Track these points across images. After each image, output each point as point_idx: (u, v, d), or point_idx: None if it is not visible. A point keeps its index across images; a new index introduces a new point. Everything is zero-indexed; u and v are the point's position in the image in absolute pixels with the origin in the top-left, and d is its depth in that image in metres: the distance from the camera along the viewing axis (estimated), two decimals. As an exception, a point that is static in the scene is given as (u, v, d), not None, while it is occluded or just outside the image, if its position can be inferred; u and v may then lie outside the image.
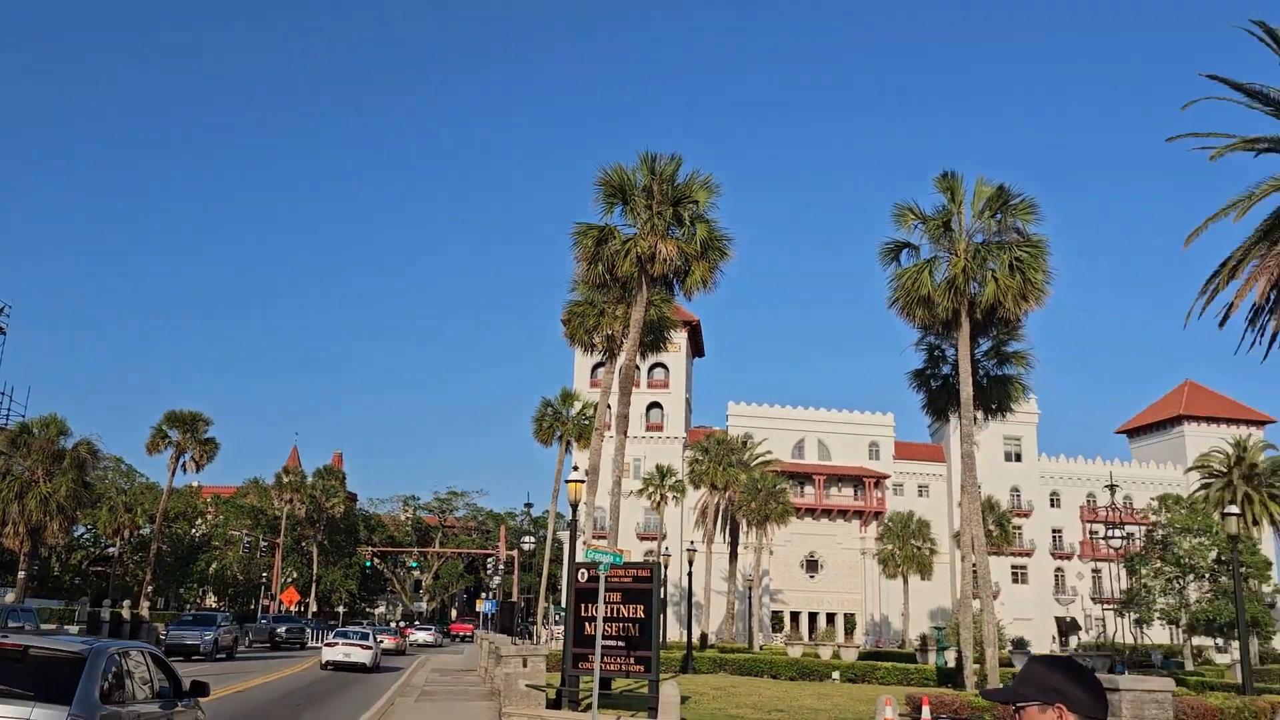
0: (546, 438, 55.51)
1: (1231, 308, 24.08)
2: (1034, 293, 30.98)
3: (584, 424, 54.69)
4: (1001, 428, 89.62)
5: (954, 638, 46.24)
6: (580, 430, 54.93)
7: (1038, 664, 2.95)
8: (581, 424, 55.04)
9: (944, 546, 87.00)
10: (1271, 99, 23.67)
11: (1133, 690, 17.35)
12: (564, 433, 54.84)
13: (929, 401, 37.66)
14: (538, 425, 55.29)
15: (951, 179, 32.48)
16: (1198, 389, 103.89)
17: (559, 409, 55.62)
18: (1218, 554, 52.32)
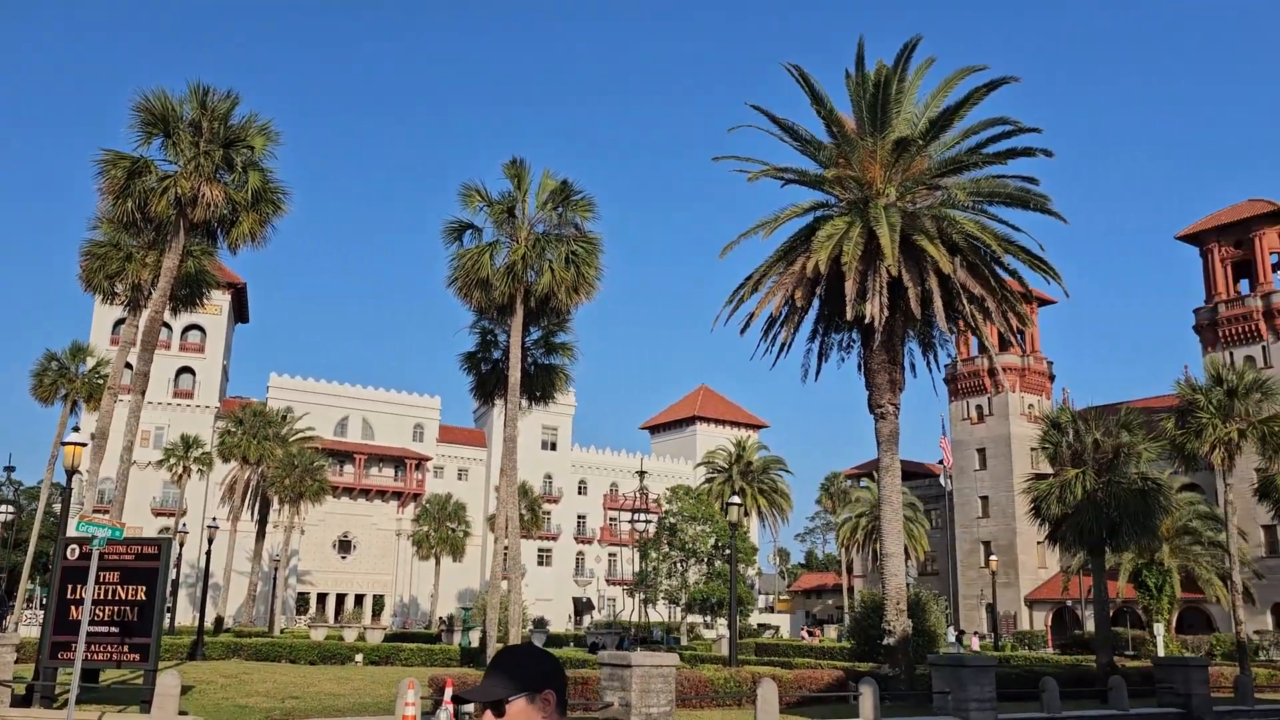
0: (48, 396, 48.35)
1: (752, 317, 26.75)
2: (586, 287, 32.23)
3: (97, 383, 48.42)
4: (541, 417, 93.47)
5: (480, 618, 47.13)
6: (93, 390, 48.57)
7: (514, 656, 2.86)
8: (95, 383, 48.69)
9: (478, 529, 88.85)
10: (800, 135, 26.61)
11: (643, 665, 18.44)
12: (70, 391, 48.14)
13: (478, 384, 37.90)
14: (38, 381, 47.99)
15: (519, 167, 32.88)
16: (711, 394, 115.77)
17: (66, 364, 48.72)
18: (716, 540, 58.44)
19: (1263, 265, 72.88)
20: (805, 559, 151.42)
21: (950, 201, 26.13)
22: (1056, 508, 30.36)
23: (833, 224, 25.47)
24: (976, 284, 25.20)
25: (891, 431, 26.46)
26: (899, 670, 25.27)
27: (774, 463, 77.44)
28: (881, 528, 26.21)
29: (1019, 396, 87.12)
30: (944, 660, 22.98)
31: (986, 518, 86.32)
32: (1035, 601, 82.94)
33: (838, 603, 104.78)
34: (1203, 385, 35.88)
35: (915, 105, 26.97)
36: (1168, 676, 27.24)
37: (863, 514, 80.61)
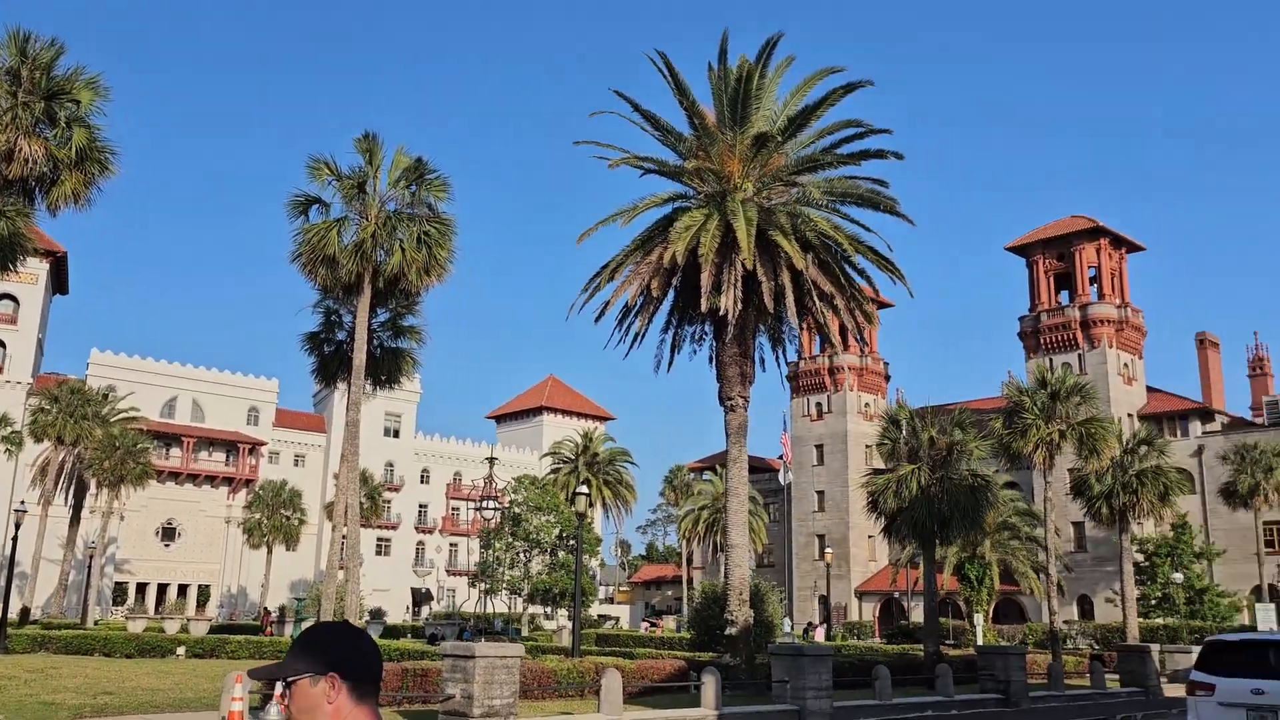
0: None
1: (607, 305, 26.59)
2: (437, 269, 31.41)
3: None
4: (384, 403, 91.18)
5: (314, 609, 45.51)
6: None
7: (311, 634, 2.73)
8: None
9: (314, 517, 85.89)
10: (662, 125, 26.59)
11: (487, 656, 17.99)
12: None
13: (320, 366, 36.49)
14: None
15: (371, 141, 31.76)
16: (559, 384, 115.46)
17: None
18: (560, 531, 58.19)
19: (1081, 278, 77.60)
20: (646, 551, 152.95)
21: (805, 199, 26.62)
22: (893, 502, 31.44)
23: (690, 216, 25.56)
24: (827, 281, 25.75)
25: (740, 424, 26.78)
26: (740, 660, 25.61)
27: (620, 455, 77.76)
28: (727, 519, 26.50)
29: (857, 395, 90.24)
30: (784, 650, 23.39)
31: (822, 512, 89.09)
32: (865, 593, 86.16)
33: (677, 594, 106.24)
34: (1029, 388, 37.85)
35: (775, 102, 27.35)
36: (989, 664, 28.55)
37: (705, 506, 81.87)
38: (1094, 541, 70.89)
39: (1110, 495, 40.98)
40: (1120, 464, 40.26)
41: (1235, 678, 14.76)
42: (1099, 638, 53.14)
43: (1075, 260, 78.10)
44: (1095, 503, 41.91)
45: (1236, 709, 14.62)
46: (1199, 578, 57.26)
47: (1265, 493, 57.71)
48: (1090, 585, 69.88)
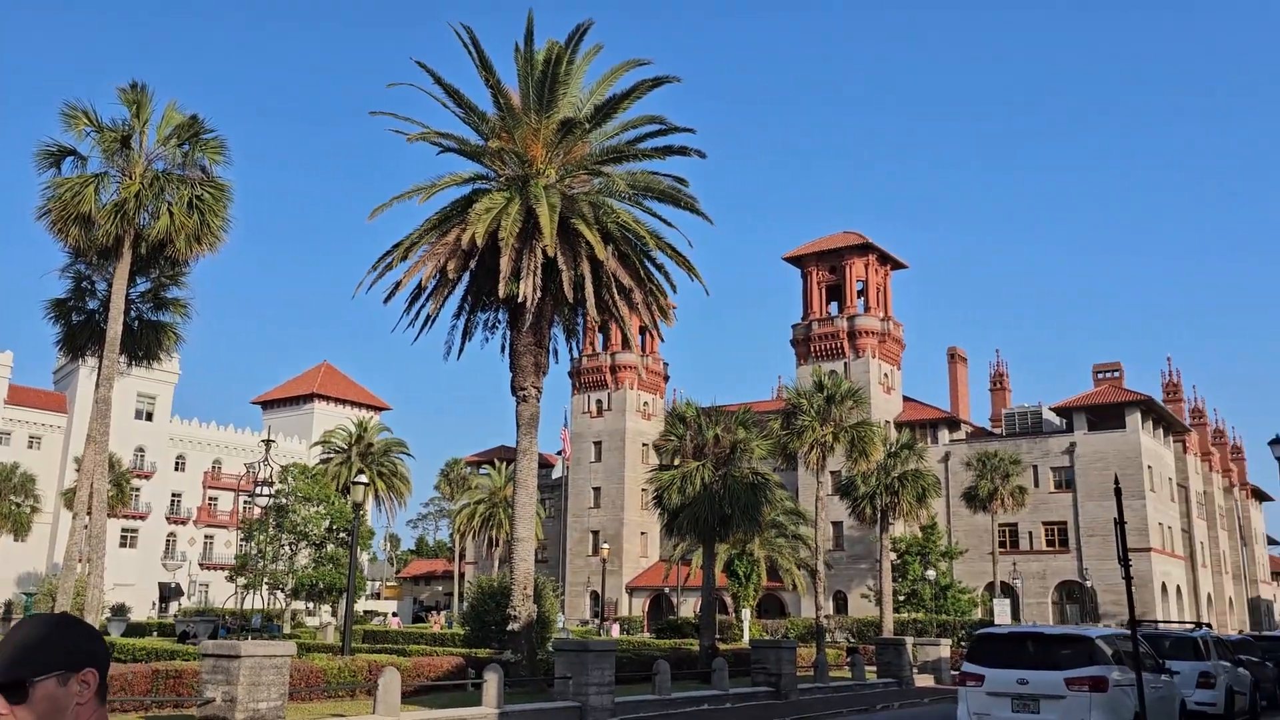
0: None
1: (399, 285, 25.31)
2: (210, 237, 28.97)
3: None
4: (137, 383, 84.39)
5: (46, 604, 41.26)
6: None
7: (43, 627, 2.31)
8: None
9: (49, 505, 78.40)
10: (465, 102, 25.60)
11: (254, 656, 16.56)
12: None
13: (67, 337, 32.96)
14: None
15: (139, 93, 28.92)
16: (334, 371, 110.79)
17: None
18: (331, 523, 55.57)
19: (850, 291, 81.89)
20: (416, 546, 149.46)
21: (608, 190, 26.34)
22: (677, 498, 31.76)
23: (491, 198, 24.73)
24: (627, 275, 25.58)
25: (532, 415, 26.20)
26: (522, 656, 25.02)
27: (396, 445, 75.29)
28: (514, 512, 25.85)
29: (637, 394, 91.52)
30: (568, 646, 23.00)
31: (598, 508, 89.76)
32: (635, 589, 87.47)
33: (448, 589, 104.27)
34: (807, 391, 39.33)
35: (581, 91, 26.93)
36: (762, 658, 29.29)
37: (481, 501, 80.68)
38: (850, 540, 74.90)
39: (874, 496, 43.29)
40: (884, 467, 42.60)
41: (1003, 668, 15.55)
42: (855, 631, 56.10)
43: (845, 273, 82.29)
44: (860, 503, 44.15)
45: (1003, 698, 15.39)
46: (944, 575, 61.54)
47: (1002, 497, 62.75)
48: (846, 582, 73.76)
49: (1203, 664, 21.31)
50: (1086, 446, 72.20)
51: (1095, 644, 15.47)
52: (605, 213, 25.67)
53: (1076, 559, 71.04)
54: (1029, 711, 15.17)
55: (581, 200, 25.61)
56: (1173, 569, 74.01)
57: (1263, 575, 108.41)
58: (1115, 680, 15.04)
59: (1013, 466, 64.07)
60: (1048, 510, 72.61)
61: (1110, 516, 69.93)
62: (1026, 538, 73.02)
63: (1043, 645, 15.90)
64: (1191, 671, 20.75)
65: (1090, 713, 14.67)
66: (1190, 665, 20.87)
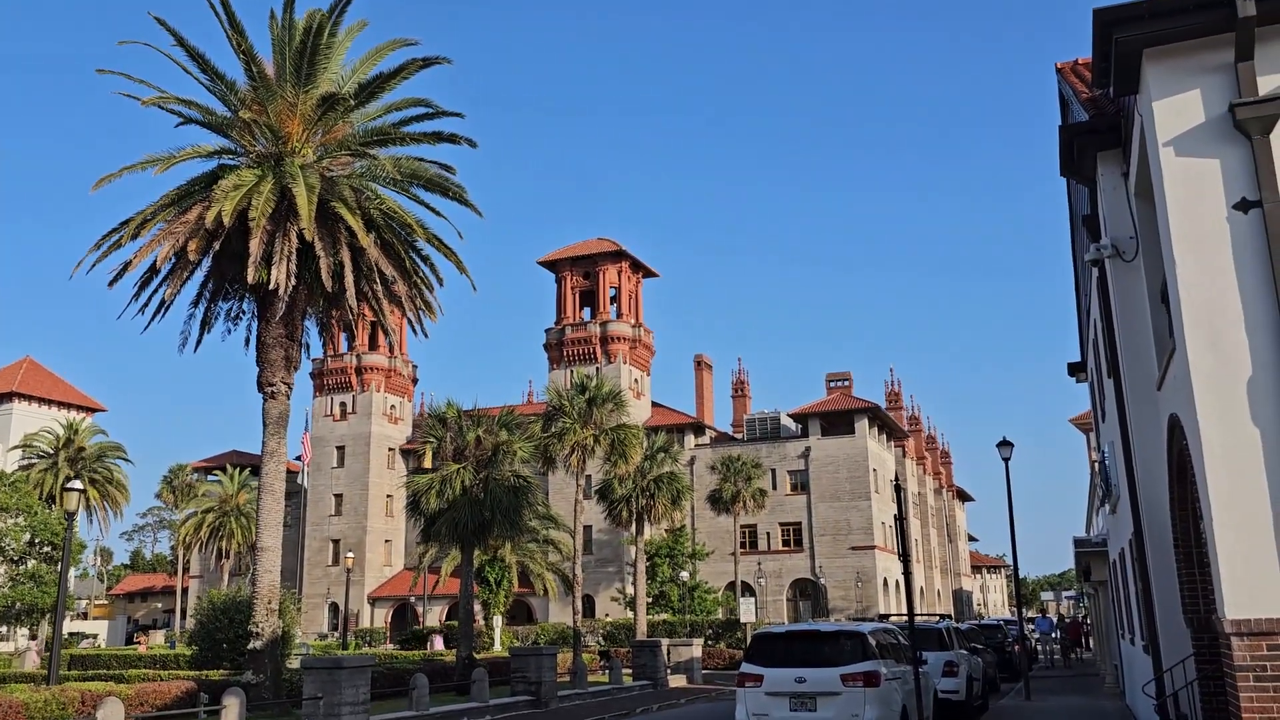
0: None
1: (128, 266, 22.59)
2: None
3: None
4: None
5: None
6: None
7: None
8: None
9: None
10: (211, 69, 23.22)
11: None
12: None
13: None
14: None
15: None
16: (37, 367, 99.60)
17: None
18: (33, 536, 49.61)
19: (603, 297, 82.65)
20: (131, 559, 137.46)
21: (371, 175, 24.71)
22: (435, 502, 30.34)
23: (240, 175, 22.52)
24: (390, 265, 24.05)
25: (281, 414, 24.08)
26: (265, 676, 22.88)
27: (111, 450, 68.82)
28: (260, 519, 23.63)
29: (384, 397, 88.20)
30: (319, 663, 21.18)
31: (339, 515, 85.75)
32: (378, 599, 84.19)
33: (168, 606, 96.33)
34: (569, 393, 38.88)
35: (344, 67, 25.15)
36: (522, 666, 28.41)
37: (211, 509, 75.11)
38: (599, 544, 75.40)
39: (631, 498, 43.50)
40: (641, 470, 42.89)
41: (781, 668, 15.53)
42: (606, 634, 56.26)
43: (599, 279, 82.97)
44: (617, 505, 44.25)
45: (781, 698, 15.36)
46: (692, 577, 63.01)
47: (744, 499, 65.10)
48: (594, 585, 74.09)
49: (947, 654, 22.51)
50: (820, 451, 76.24)
51: (867, 640, 15.76)
52: (368, 198, 24.05)
53: (810, 558, 74.83)
54: (806, 710, 15.20)
55: (343, 183, 23.85)
56: (893, 565, 79.54)
57: (964, 569, 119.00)
58: (886, 674, 15.37)
59: (754, 470, 66.61)
60: (784, 511, 76.05)
61: (840, 518, 74.62)
62: (765, 538, 76.16)
63: (818, 643, 16.02)
64: (938, 661, 21.83)
65: (865, 707, 14.88)
66: (936, 655, 21.96)
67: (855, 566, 73.55)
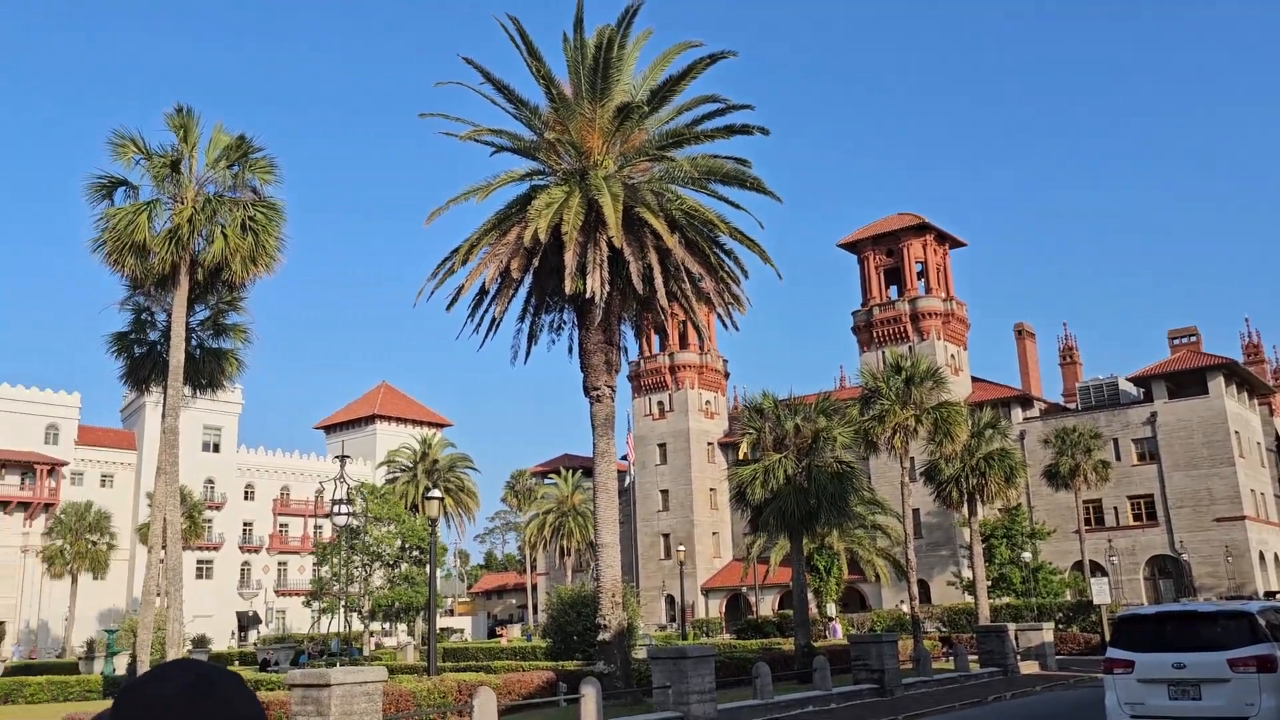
0: None
1: (462, 289, 24.50)
2: (265, 258, 28.43)
3: None
4: (203, 416, 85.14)
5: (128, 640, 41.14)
6: None
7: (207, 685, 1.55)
8: None
9: (125, 542, 79.25)
10: (516, 97, 24.72)
11: (344, 684, 15.71)
12: None
13: (130, 370, 32.68)
14: None
15: (186, 117, 28.46)
16: (392, 391, 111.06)
17: None
18: (403, 542, 55.15)
19: (909, 273, 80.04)
20: (485, 560, 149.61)
21: (670, 177, 25.31)
22: (760, 493, 30.55)
23: (550, 193, 23.82)
24: (696, 262, 24.51)
25: (607, 416, 25.21)
26: (615, 666, 24.00)
27: (461, 461, 75.07)
28: (596, 517, 24.86)
29: (698, 393, 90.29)
30: (665, 652, 21.93)
31: (667, 511, 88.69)
32: (710, 590, 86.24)
33: (520, 602, 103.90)
34: (884, 374, 37.90)
35: (634, 76, 25.95)
36: (863, 653, 27.94)
37: (550, 510, 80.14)
38: (929, 527, 72.99)
39: (960, 479, 41.73)
40: (968, 448, 41.03)
41: (1154, 652, 14.17)
42: (946, 620, 54.35)
43: (903, 255, 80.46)
44: (946, 486, 42.61)
45: (1158, 685, 14.01)
46: (1034, 557, 59.53)
47: (1084, 473, 60.47)
48: (927, 570, 71.77)
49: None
50: (1168, 415, 69.61)
51: (1255, 620, 14.03)
52: (669, 199, 24.63)
53: (1166, 532, 68.49)
54: (1189, 698, 13.77)
55: (644, 188, 24.59)
56: (1269, 537, 71.00)
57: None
58: (1283, 658, 13.60)
59: (1093, 441, 61.78)
60: (1131, 484, 70.15)
61: (1198, 487, 67.55)
62: (1111, 513, 70.62)
63: (1196, 625, 14.50)
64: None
65: (1260, 696, 13.26)
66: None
67: (1223, 540, 66.42)
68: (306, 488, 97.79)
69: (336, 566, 53.18)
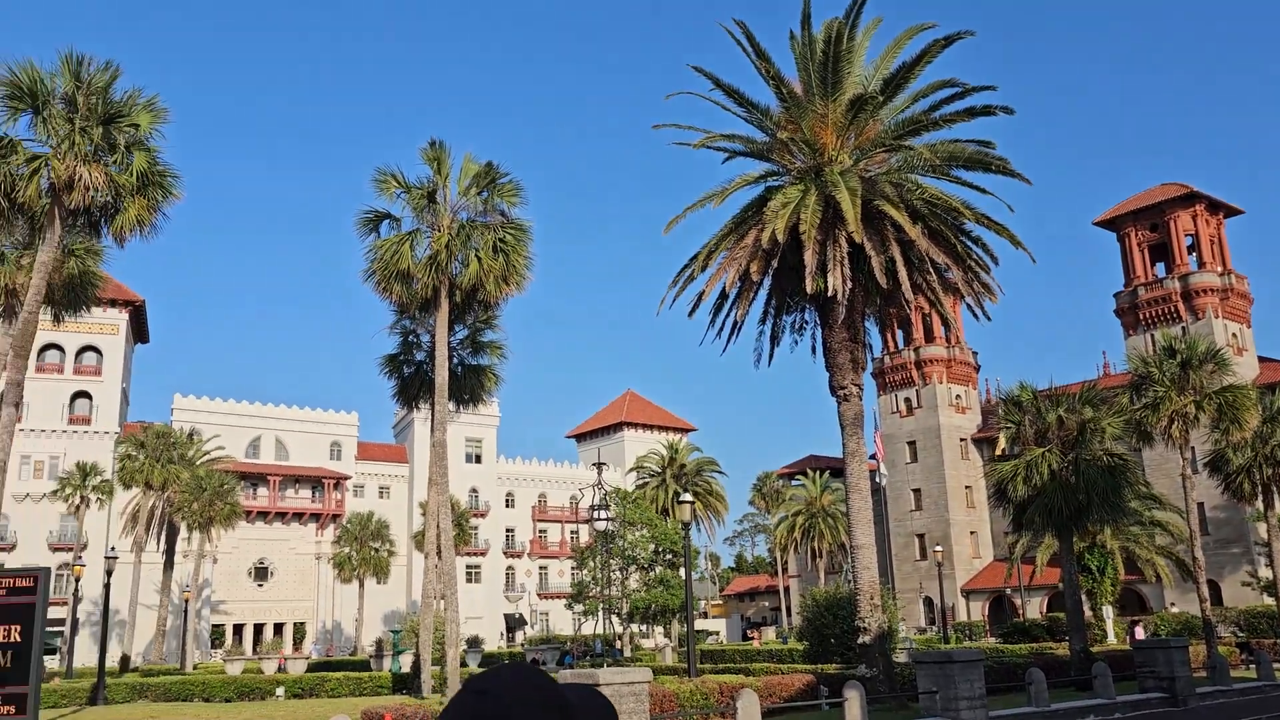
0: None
1: (702, 295, 24.78)
2: (516, 277, 30.00)
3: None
4: (465, 429, 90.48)
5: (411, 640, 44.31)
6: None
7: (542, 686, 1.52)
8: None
9: (402, 549, 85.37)
10: (745, 100, 24.77)
11: (613, 684, 16.23)
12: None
13: (401, 389, 35.30)
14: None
15: (439, 150, 30.48)
16: (637, 398, 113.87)
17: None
18: (656, 546, 56.32)
19: (1178, 247, 73.81)
20: (735, 562, 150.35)
21: (908, 166, 24.57)
22: (1022, 489, 28.98)
23: (785, 193, 23.68)
24: (941, 252, 23.62)
25: (856, 414, 24.73)
26: (877, 670, 23.46)
27: (707, 464, 75.86)
28: (851, 517, 24.43)
29: (947, 388, 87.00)
30: (930, 656, 21.20)
31: (919, 510, 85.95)
32: (971, 591, 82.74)
33: (772, 604, 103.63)
34: (1155, 358, 35.05)
35: (865, 67, 25.38)
36: (1149, 659, 25.96)
37: (798, 512, 79.55)
38: (1216, 523, 66.89)
39: (1251, 469, 37.85)
40: (1259, 435, 37.16)
41: None
42: (1243, 624, 49.46)
43: (1170, 230, 74.33)
44: (1235, 478, 38.73)
45: None
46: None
47: (1403, 459, 53.40)
48: (1216, 569, 65.74)
49: None
50: None
51: None
52: (909, 189, 23.89)
53: None
54: None
55: (882, 180, 23.98)
56: None
57: None
58: None
59: None
60: None
61: None
62: None
63: None
64: None
65: None
66: None
67: None
68: (562, 494, 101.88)
69: (595, 570, 55.00)
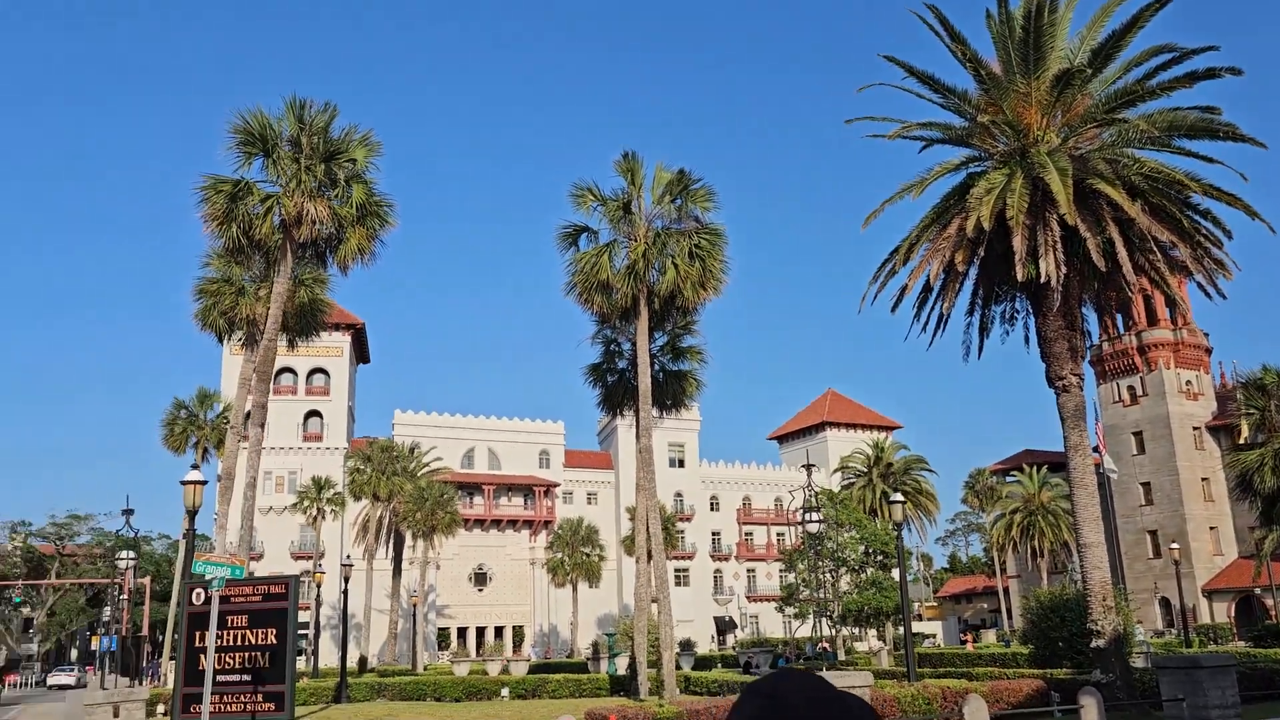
0: (179, 445, 48.57)
1: (905, 290, 24.14)
2: (712, 281, 30.16)
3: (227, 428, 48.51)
4: (667, 434, 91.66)
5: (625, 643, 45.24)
6: (222, 436, 48.68)
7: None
8: (224, 428, 48.79)
9: (611, 553, 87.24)
10: (940, 86, 23.98)
11: (831, 687, 16.03)
12: (200, 438, 48.24)
13: (605, 397, 36.10)
14: (168, 430, 48.22)
15: (632, 161, 31.04)
16: (839, 397, 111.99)
17: (195, 411, 48.91)
18: (866, 547, 55.24)
19: None
20: (949, 563, 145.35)
21: (1122, 140, 23.09)
22: (1270, 481, 26.68)
23: (989, 178, 22.73)
24: (1164, 229, 22.06)
25: (1077, 406, 23.44)
26: (1114, 675, 22.11)
27: (915, 463, 73.69)
28: (1077, 514, 23.17)
29: (1174, 373, 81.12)
30: (1174, 661, 19.83)
31: (1150, 505, 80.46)
32: (1214, 592, 76.73)
33: (991, 606, 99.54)
34: None
35: (1069, 40, 24.07)
36: None
37: (1015, 510, 76.19)
38: None
39: None
40: None
41: None
42: None
43: None
44: None
45: None
46: None
47: None
48: None
49: None
50: None
51: None
52: (1125, 165, 22.45)
53: None
54: None
55: (1094, 157, 22.65)
56: None
57: None
58: None
59: None
60: None
61: None
62: None
63: None
64: None
65: None
66: None
67: None
68: (766, 497, 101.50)
69: (804, 572, 54.45)
